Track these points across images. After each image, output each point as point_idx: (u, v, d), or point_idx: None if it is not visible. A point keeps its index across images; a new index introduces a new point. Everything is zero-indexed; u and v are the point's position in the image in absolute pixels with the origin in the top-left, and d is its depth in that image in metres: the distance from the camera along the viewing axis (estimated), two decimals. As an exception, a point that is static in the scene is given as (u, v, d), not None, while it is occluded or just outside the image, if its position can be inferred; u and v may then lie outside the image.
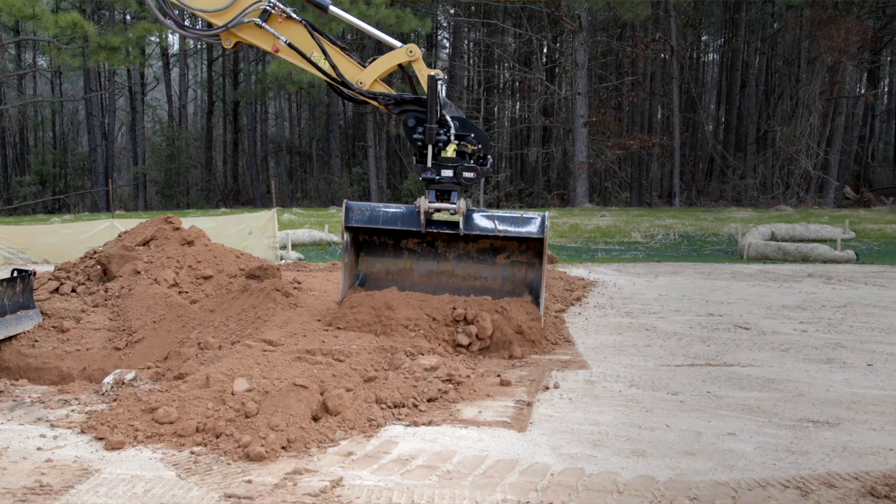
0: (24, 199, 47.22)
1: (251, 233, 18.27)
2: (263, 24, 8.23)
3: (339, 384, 6.01)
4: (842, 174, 41.33)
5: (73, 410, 5.90)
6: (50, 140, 57.65)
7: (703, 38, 53.99)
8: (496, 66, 51.21)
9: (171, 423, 5.32)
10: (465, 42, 52.22)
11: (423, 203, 7.99)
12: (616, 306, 10.94)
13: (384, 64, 8.34)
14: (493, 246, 8.49)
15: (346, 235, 8.40)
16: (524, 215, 7.83)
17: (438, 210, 8.03)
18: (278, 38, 8.21)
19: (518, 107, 53.96)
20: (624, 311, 10.59)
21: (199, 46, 55.26)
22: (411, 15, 34.65)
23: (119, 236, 10.78)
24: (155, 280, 9.35)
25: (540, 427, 5.59)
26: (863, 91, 43.95)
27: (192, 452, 4.97)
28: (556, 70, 49.43)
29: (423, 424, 5.58)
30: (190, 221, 11.63)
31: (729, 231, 23.30)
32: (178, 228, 10.44)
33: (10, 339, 8.40)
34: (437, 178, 7.98)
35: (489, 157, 8.16)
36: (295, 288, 9.48)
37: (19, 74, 52.33)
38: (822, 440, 5.34)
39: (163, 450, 5.03)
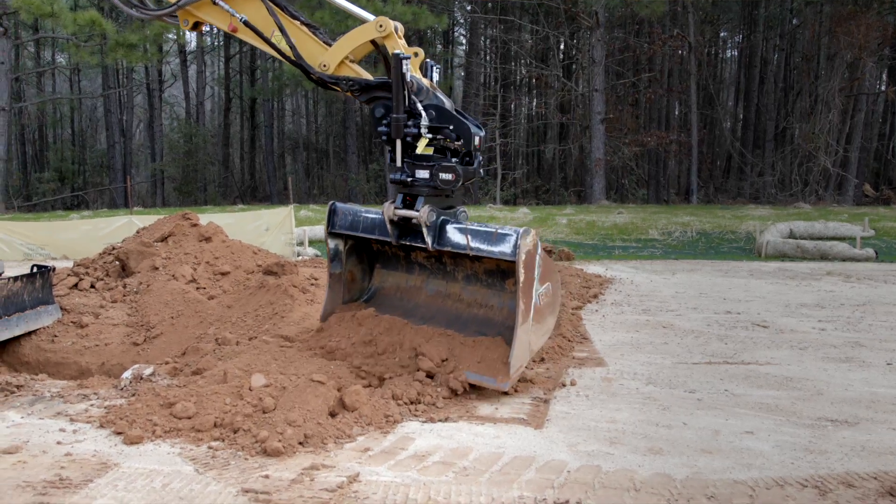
0: (44, 196, 47.49)
1: (268, 229, 18.33)
2: (219, 1, 7.23)
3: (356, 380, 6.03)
4: (861, 172, 41.06)
5: (92, 405, 5.94)
6: (69, 137, 57.96)
7: (722, 34, 53.73)
8: (513, 63, 51.14)
9: (189, 417, 5.35)
10: (482, 39, 52.13)
11: (388, 209, 6.67)
12: (633, 303, 10.92)
13: (351, 41, 6.99)
14: (500, 268, 6.68)
15: (331, 242, 7.31)
16: (499, 230, 6.17)
17: (404, 218, 6.62)
18: (234, 15, 7.16)
19: (535, 103, 53.81)
20: (641, 308, 10.56)
21: (216, 44, 55.48)
22: (427, 12, 34.63)
23: (137, 232, 10.84)
24: (173, 276, 9.40)
25: (557, 424, 5.59)
26: (883, 88, 43.65)
27: (210, 447, 4.99)
28: (573, 66, 49.29)
29: (440, 421, 5.58)
30: (207, 218, 11.67)
31: (747, 228, 23.18)
32: (195, 225, 10.48)
33: (29, 334, 8.46)
34: (410, 179, 6.61)
35: (477, 154, 6.71)
36: (312, 284, 9.50)
37: (38, 72, 52.66)
38: (841, 439, 5.32)
39: (181, 444, 5.05)
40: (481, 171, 6.84)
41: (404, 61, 6.44)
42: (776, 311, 10.39)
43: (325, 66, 6.98)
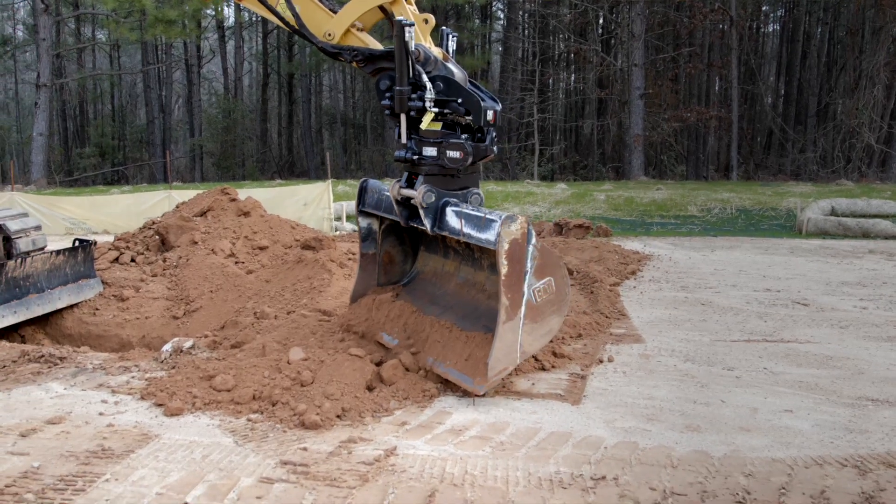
0: (85, 171, 48.11)
1: (306, 204, 18.42)
2: None
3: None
4: (905, 148, 40.35)
5: (133, 377, 6.02)
6: (109, 113, 58.56)
7: (764, 7, 52.87)
8: (551, 38, 50.73)
9: (229, 390, 5.41)
10: (520, 13, 51.77)
11: (394, 188, 6.30)
12: (671, 280, 10.84)
13: (356, 8, 6.46)
14: None
15: (362, 221, 7.04)
16: (487, 215, 5.60)
17: (407, 198, 6.23)
18: None
19: (573, 78, 53.42)
20: (679, 285, 10.49)
21: (253, 19, 55.57)
22: (466, -14, 34.45)
23: (177, 207, 10.96)
24: (212, 250, 9.48)
25: (594, 400, 5.58)
26: (929, 62, 42.76)
27: (249, 420, 5.04)
28: (612, 41, 48.84)
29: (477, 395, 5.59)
30: (245, 193, 11.75)
31: (788, 206, 22.91)
32: (234, 199, 10.57)
33: (72, 307, 8.61)
34: (416, 157, 6.15)
35: (490, 130, 6.15)
36: (350, 259, 9.54)
37: (79, 48, 53.14)
38: (882, 419, 5.25)
39: (220, 417, 5.11)
40: (495, 148, 6.29)
41: (407, 28, 5.89)
42: (817, 289, 10.27)
43: (330, 35, 6.50)
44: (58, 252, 8.59)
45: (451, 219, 5.97)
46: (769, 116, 47.29)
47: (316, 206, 18.47)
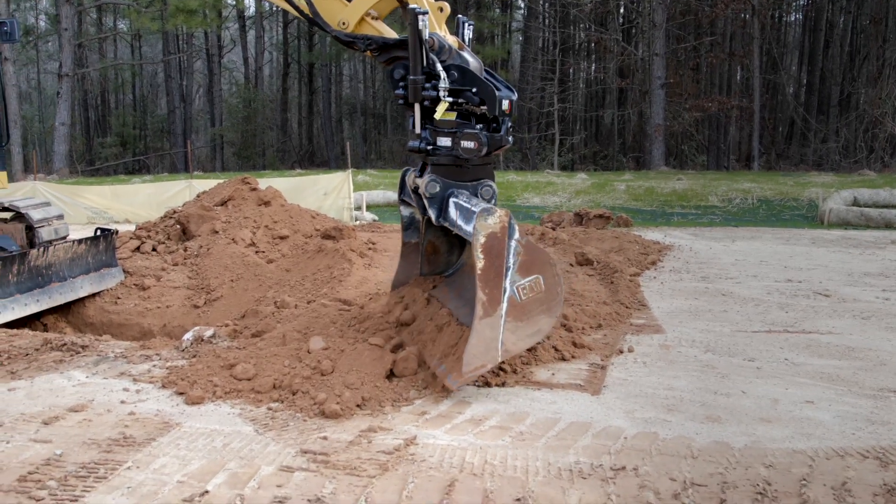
0: (106, 161, 48.35)
1: (326, 194, 18.46)
2: None
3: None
4: (929, 138, 39.92)
5: (154, 366, 6.05)
6: (130, 102, 58.83)
7: (786, -4, 52.45)
8: (572, 27, 50.49)
9: (249, 379, 5.43)
10: (541, 2, 51.54)
11: (409, 178, 6.31)
12: (692, 271, 10.80)
13: None
14: None
15: (404, 210, 7.01)
16: (472, 207, 5.44)
17: (417, 188, 6.17)
18: None
19: (594, 68, 53.17)
20: (700, 275, 10.44)
21: (274, 9, 55.65)
22: (486, -25, 34.32)
23: (197, 196, 11.00)
24: (232, 239, 9.52)
25: (614, 391, 5.56)
26: (954, 51, 42.25)
27: (269, 409, 5.07)
28: (633, 31, 48.54)
29: (497, 385, 5.59)
30: (266, 182, 11.79)
31: (809, 196, 22.75)
32: (255, 189, 10.60)
33: (94, 295, 8.66)
34: (430, 147, 6.06)
35: (506, 120, 5.98)
36: (370, 249, 9.56)
37: (100, 38, 53.36)
38: (905, 410, 5.22)
39: (241, 405, 5.13)
40: (510, 138, 6.12)
41: (421, 16, 5.76)
42: (838, 279, 10.20)
43: (344, 23, 6.35)
44: (80, 241, 8.65)
45: (452, 210, 5.88)
46: (791, 106, 46.91)
47: (336, 195, 18.51)
